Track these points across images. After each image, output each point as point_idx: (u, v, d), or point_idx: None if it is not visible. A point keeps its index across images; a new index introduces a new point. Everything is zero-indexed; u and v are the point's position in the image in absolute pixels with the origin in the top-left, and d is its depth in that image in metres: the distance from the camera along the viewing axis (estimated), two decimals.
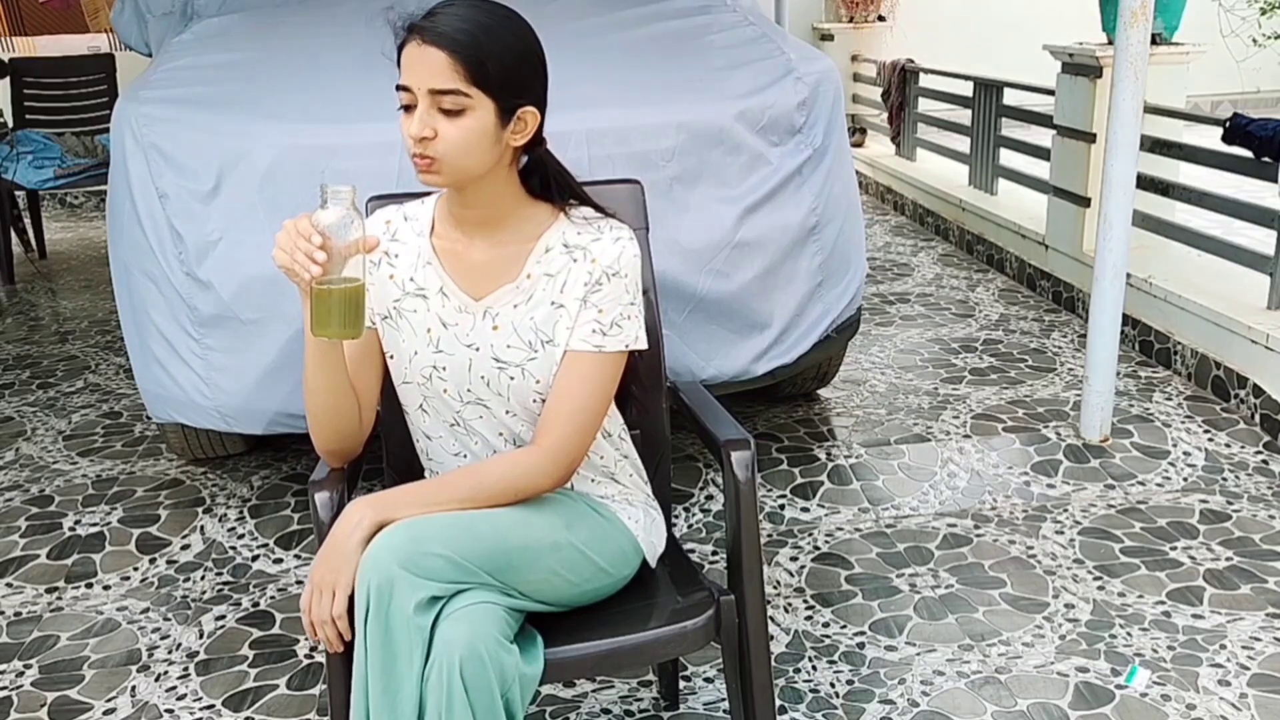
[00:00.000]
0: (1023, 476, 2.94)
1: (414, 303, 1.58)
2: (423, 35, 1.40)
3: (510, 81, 1.43)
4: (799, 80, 2.80)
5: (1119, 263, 2.95)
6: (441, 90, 1.40)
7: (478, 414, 1.59)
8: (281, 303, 2.50)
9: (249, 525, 2.78)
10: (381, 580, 1.36)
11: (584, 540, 1.55)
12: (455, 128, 1.41)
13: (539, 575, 1.49)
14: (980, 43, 8.22)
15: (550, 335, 1.54)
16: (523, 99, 1.46)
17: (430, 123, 1.41)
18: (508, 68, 1.42)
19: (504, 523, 1.48)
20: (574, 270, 1.53)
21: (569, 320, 1.53)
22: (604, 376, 1.54)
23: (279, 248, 1.39)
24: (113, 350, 4.17)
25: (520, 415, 1.58)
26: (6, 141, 5.31)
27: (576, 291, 1.53)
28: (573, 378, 1.52)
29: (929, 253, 5.32)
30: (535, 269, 1.54)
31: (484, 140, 1.44)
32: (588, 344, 1.52)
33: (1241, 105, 8.20)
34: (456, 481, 1.51)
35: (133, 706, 2.14)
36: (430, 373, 1.57)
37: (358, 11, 3.18)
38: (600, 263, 1.52)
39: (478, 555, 1.41)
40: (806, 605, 2.41)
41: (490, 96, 1.42)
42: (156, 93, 2.70)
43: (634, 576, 1.69)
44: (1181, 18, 4.30)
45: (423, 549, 1.38)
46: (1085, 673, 2.15)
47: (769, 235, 2.71)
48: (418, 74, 1.40)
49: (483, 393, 1.57)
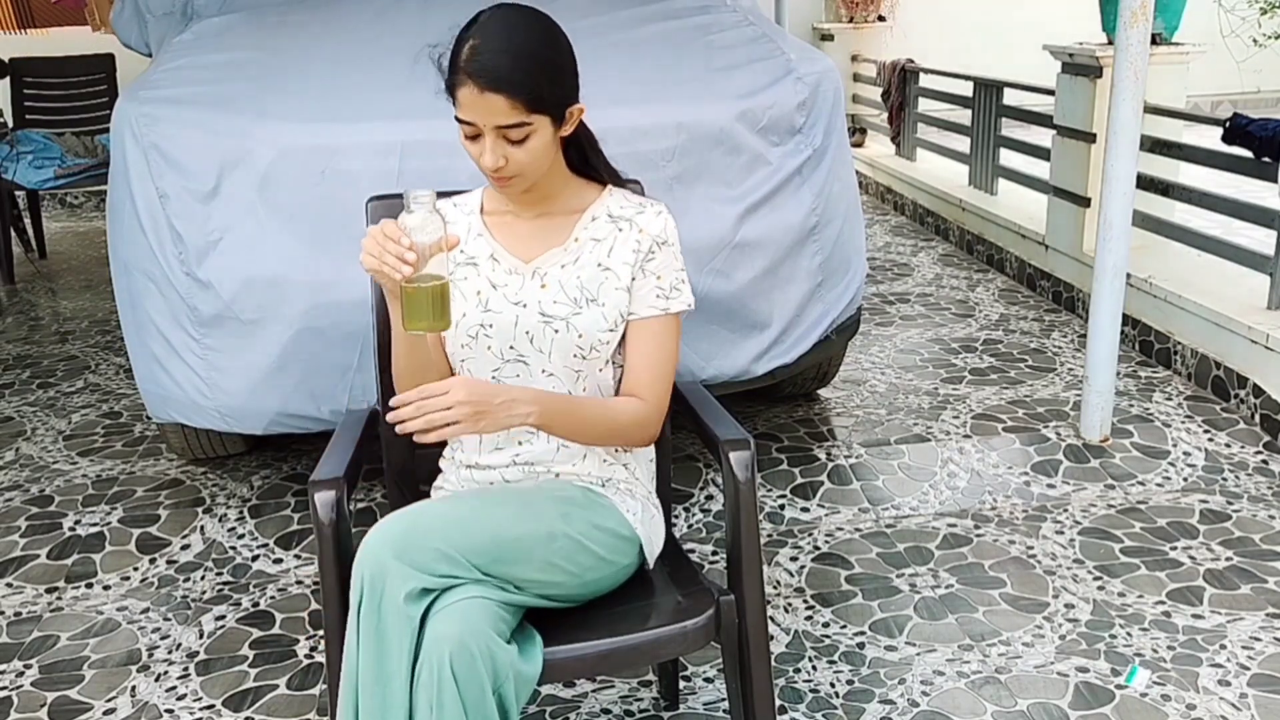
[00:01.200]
0: (1023, 476, 2.94)
1: (465, 271, 1.67)
2: (476, 81, 1.49)
3: (560, 95, 1.55)
4: (799, 80, 2.80)
5: (1119, 263, 2.95)
6: (506, 125, 1.51)
7: (515, 373, 1.66)
8: (281, 303, 2.50)
9: (249, 525, 2.78)
10: (375, 571, 1.39)
11: (580, 531, 1.56)
12: (523, 151, 1.54)
13: (536, 566, 1.50)
14: (980, 43, 8.22)
15: (595, 294, 1.63)
16: (570, 101, 1.58)
17: (501, 152, 1.53)
18: (556, 85, 1.54)
19: (500, 515, 1.51)
20: (620, 239, 1.65)
21: (615, 283, 1.63)
22: (674, 336, 1.67)
23: (366, 252, 1.46)
24: (113, 350, 4.17)
25: (558, 375, 1.65)
26: (6, 141, 5.31)
27: (625, 257, 1.64)
28: (649, 342, 1.64)
29: (929, 253, 5.32)
30: (582, 234, 1.66)
31: (548, 149, 1.57)
32: (654, 309, 1.65)
33: (1241, 105, 8.20)
34: (590, 403, 1.62)
35: (133, 706, 2.14)
36: (477, 330, 1.65)
37: (358, 11, 3.18)
38: (649, 232, 1.65)
39: (473, 548, 1.43)
40: (806, 605, 2.41)
41: (547, 114, 1.54)
42: (156, 93, 2.70)
43: (633, 576, 1.69)
44: (1181, 18, 4.30)
45: (418, 541, 1.40)
46: (1085, 673, 2.15)
47: (769, 235, 2.71)
48: (480, 115, 1.51)
49: (525, 349, 1.64)
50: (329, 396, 2.56)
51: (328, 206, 2.49)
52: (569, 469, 1.69)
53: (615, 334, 1.65)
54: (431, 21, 3.10)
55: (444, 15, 3.19)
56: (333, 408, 2.56)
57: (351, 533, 1.59)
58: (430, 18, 3.13)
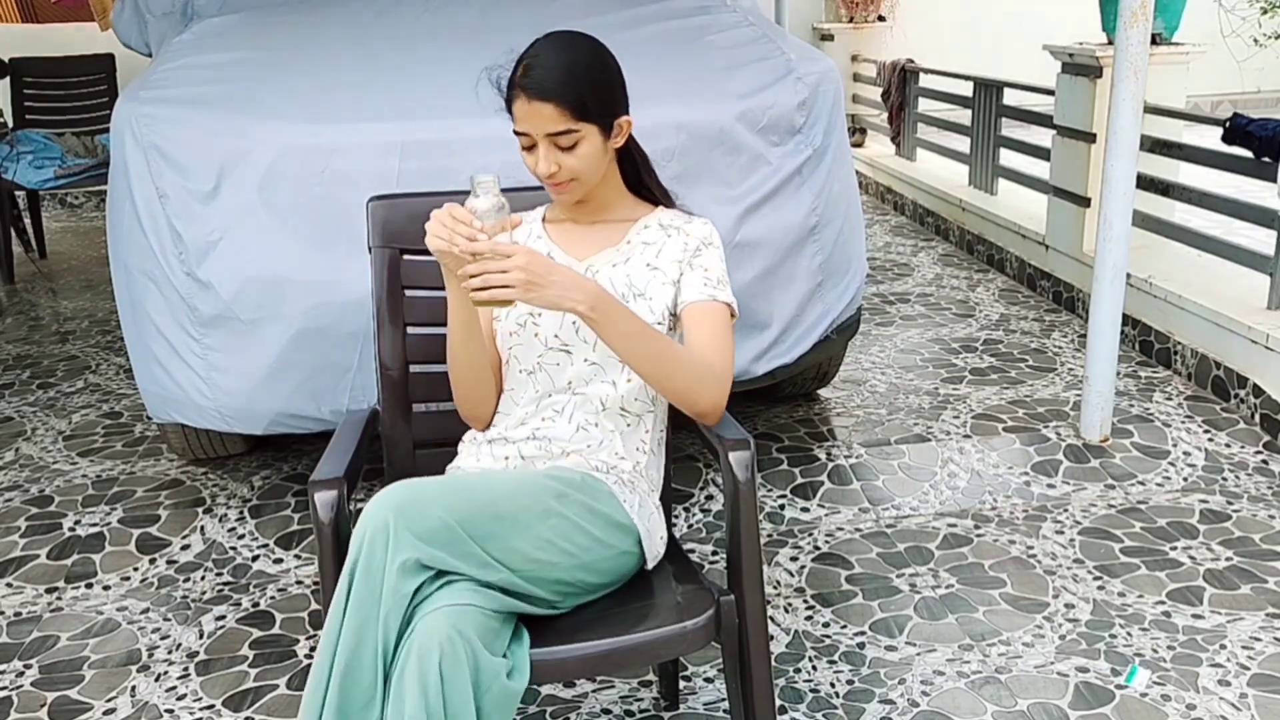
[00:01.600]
0: (1023, 476, 2.95)
1: None
2: (527, 93, 1.62)
3: (605, 105, 1.67)
4: (799, 80, 2.80)
5: (1119, 263, 2.95)
6: (555, 133, 1.63)
7: (556, 360, 1.74)
8: (281, 303, 2.50)
9: (249, 525, 2.78)
10: (376, 528, 1.42)
11: (575, 512, 1.58)
12: (574, 158, 1.66)
13: (532, 543, 1.51)
14: (980, 43, 8.22)
15: (642, 289, 1.72)
16: (617, 112, 1.70)
17: (553, 159, 1.65)
18: (601, 95, 1.66)
19: (498, 489, 1.55)
20: (669, 243, 1.76)
21: (662, 279, 1.73)
22: (726, 323, 1.72)
23: (433, 234, 1.54)
24: (113, 350, 4.17)
25: (601, 364, 1.72)
26: (6, 141, 5.31)
27: (674, 255, 1.74)
28: (702, 323, 1.70)
29: (929, 253, 5.32)
30: (635, 238, 1.78)
31: (598, 158, 1.69)
32: (703, 294, 1.71)
33: (1242, 105, 8.20)
34: (654, 338, 1.62)
35: (133, 706, 2.14)
36: (526, 319, 1.74)
37: (357, 12, 3.18)
38: (695, 236, 1.76)
39: (471, 518, 1.46)
40: (806, 605, 2.41)
41: (594, 124, 1.66)
42: (156, 93, 2.70)
43: (633, 578, 1.69)
44: (1181, 18, 4.30)
45: (420, 506, 1.44)
46: (1085, 673, 2.15)
47: (769, 235, 2.71)
48: (532, 124, 1.64)
49: (570, 339, 1.72)
50: (329, 396, 2.56)
51: (327, 206, 2.49)
52: (581, 453, 1.71)
53: (661, 328, 1.71)
54: (431, 21, 3.12)
55: (443, 15, 3.22)
56: (333, 408, 2.56)
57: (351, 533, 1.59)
58: (430, 18, 3.14)
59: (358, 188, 2.39)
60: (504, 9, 3.15)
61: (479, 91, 1.73)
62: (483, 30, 3.00)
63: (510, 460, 1.73)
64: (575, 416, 1.73)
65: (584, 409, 1.73)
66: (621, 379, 1.73)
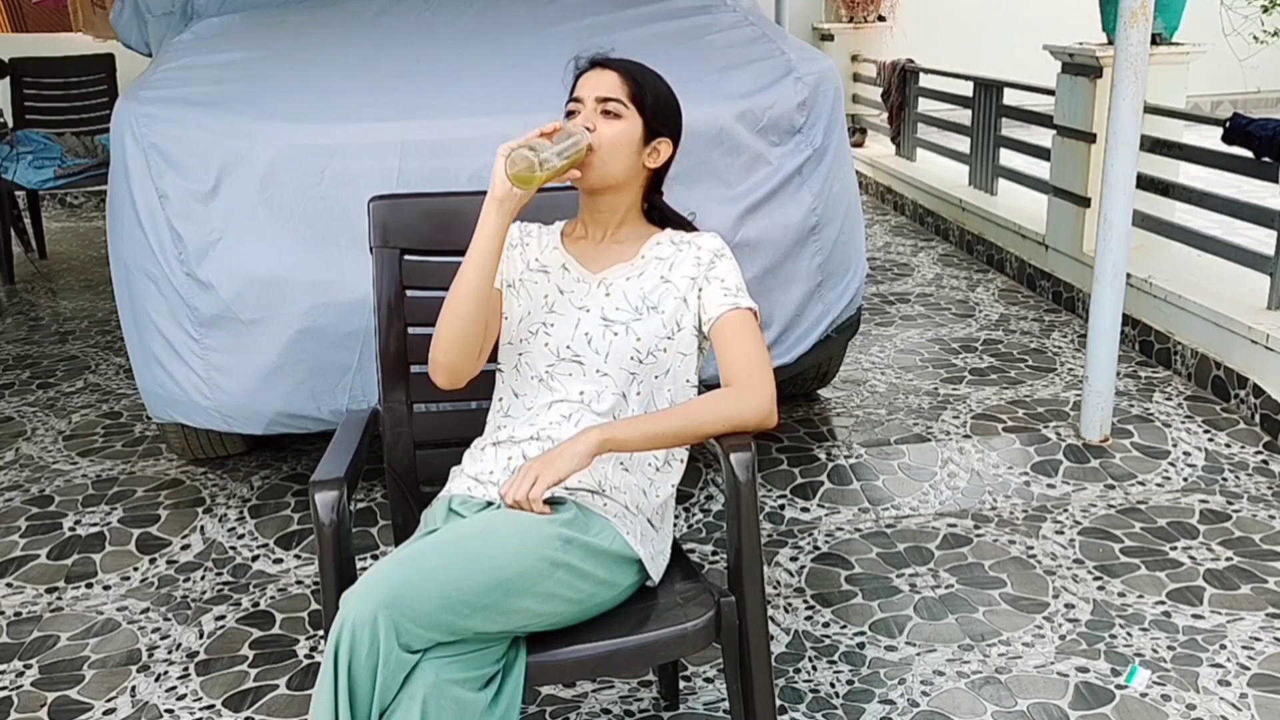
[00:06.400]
0: (1023, 476, 2.94)
1: (536, 277, 1.82)
2: (602, 64, 1.77)
3: (658, 111, 1.76)
4: (799, 80, 2.79)
5: (1119, 263, 2.95)
6: (606, 98, 1.72)
7: (568, 370, 1.75)
8: (281, 303, 2.50)
9: (249, 525, 2.78)
10: (360, 625, 1.37)
11: (580, 558, 1.56)
12: (610, 127, 1.72)
13: (537, 600, 1.50)
14: (980, 43, 8.22)
15: (655, 303, 1.75)
16: (662, 130, 1.77)
17: (592, 120, 1.72)
18: (658, 101, 1.76)
19: (500, 553, 1.49)
20: (680, 257, 1.79)
21: (675, 293, 1.75)
22: (754, 329, 1.76)
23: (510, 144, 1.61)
24: (113, 350, 4.17)
25: (612, 375, 1.73)
26: (6, 141, 5.31)
27: (687, 271, 1.77)
28: (732, 335, 1.74)
29: (929, 253, 5.32)
30: (649, 253, 1.81)
31: (628, 147, 1.73)
32: (724, 305, 1.75)
33: (1242, 105, 8.21)
34: (670, 415, 1.68)
35: (133, 706, 2.14)
36: (538, 328, 1.77)
37: (358, 11, 3.18)
38: (707, 249, 1.79)
39: (473, 592, 1.43)
40: (806, 605, 2.41)
41: (641, 115, 1.74)
42: (156, 93, 2.70)
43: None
44: (1182, 17, 4.30)
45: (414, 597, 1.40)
46: (1085, 673, 2.15)
47: (769, 235, 2.71)
48: (591, 87, 1.74)
49: (581, 350, 1.74)
50: (329, 396, 2.56)
51: (327, 206, 2.49)
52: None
53: (672, 342, 1.74)
54: (431, 21, 3.12)
55: (443, 15, 3.22)
56: (333, 408, 2.56)
57: (352, 533, 1.59)
58: (430, 17, 3.14)
59: (358, 188, 2.39)
60: (503, 8, 3.15)
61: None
62: (483, 30, 3.00)
63: (514, 461, 1.72)
64: (583, 424, 1.69)
65: (592, 419, 1.71)
66: (631, 390, 1.73)
